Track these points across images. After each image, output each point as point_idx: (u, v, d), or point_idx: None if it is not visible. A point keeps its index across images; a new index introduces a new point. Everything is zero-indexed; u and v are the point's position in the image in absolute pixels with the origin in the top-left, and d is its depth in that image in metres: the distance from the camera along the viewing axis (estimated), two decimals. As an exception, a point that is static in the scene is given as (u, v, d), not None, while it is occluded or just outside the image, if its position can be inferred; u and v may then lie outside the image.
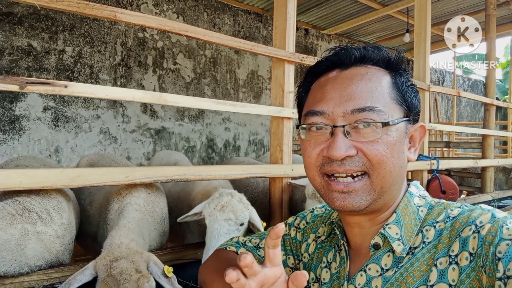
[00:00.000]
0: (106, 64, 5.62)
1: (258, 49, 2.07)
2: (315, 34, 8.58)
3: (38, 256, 1.38)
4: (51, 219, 1.43)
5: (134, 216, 1.50)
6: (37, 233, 1.37)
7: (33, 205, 1.40)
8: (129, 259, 1.19)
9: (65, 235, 1.50)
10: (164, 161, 2.62)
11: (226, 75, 7.05)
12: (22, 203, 1.37)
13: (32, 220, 1.37)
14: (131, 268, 1.16)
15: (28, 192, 1.42)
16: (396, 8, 6.85)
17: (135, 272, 1.16)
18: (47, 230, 1.41)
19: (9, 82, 1.24)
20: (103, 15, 1.49)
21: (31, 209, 1.39)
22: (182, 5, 6.44)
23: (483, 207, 0.74)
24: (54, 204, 1.48)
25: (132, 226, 1.44)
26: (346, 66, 0.81)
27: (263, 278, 0.60)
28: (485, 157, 4.32)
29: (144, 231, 1.51)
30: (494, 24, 4.45)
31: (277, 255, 0.61)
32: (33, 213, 1.38)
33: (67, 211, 1.54)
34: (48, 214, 1.43)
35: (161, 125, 6.22)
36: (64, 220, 1.50)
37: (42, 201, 1.44)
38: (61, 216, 1.49)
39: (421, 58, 3.36)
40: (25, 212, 1.36)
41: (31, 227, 1.36)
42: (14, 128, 4.86)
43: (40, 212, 1.40)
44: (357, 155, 0.74)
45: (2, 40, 4.73)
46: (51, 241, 1.42)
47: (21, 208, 1.35)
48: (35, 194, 1.44)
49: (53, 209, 1.46)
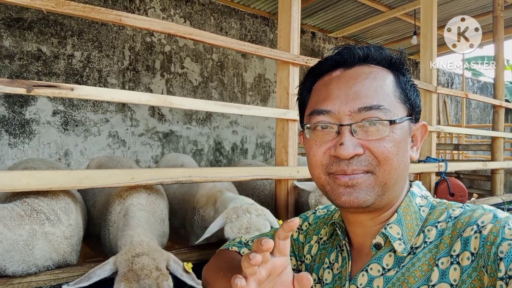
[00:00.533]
0: (115, 68, 5.68)
1: (263, 51, 2.08)
2: (322, 37, 8.58)
3: (46, 256, 1.40)
4: (59, 220, 1.45)
5: (141, 215, 1.52)
6: (45, 233, 1.39)
7: (41, 206, 1.41)
8: (150, 256, 1.21)
9: (73, 236, 1.52)
10: (171, 163, 2.64)
11: (233, 78, 7.07)
12: (30, 204, 1.39)
13: (40, 221, 1.38)
14: (152, 265, 1.18)
15: (36, 194, 1.44)
16: (403, 10, 6.83)
17: (155, 270, 1.17)
18: (54, 231, 1.42)
19: (16, 85, 1.26)
20: (109, 19, 1.51)
21: (39, 210, 1.40)
22: (189, 10, 6.49)
23: (485, 207, 0.73)
24: (62, 205, 1.50)
25: (143, 225, 1.46)
26: (350, 65, 0.81)
27: (272, 267, 0.62)
28: (495, 159, 4.28)
29: (151, 231, 1.53)
30: (502, 26, 4.42)
31: (287, 246, 0.63)
32: (41, 214, 1.39)
33: (75, 213, 1.56)
34: (56, 215, 1.44)
35: (169, 128, 6.25)
36: (72, 221, 1.52)
37: (50, 202, 1.46)
38: (68, 217, 1.50)
39: (428, 60, 3.35)
40: (33, 213, 1.38)
41: (39, 228, 1.38)
42: (24, 132, 4.93)
43: (48, 213, 1.42)
44: (364, 154, 0.75)
45: (12, 45, 4.81)
46: (58, 241, 1.44)
47: (30, 209, 1.37)
48: (43, 195, 1.46)
49: (60, 210, 1.48)
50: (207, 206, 1.95)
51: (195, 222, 1.98)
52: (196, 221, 1.97)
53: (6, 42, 4.77)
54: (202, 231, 1.94)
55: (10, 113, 4.83)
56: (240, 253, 1.08)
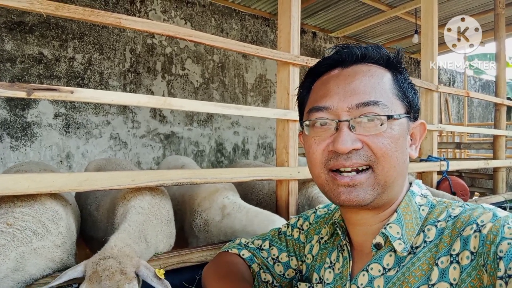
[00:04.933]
0: (116, 70, 5.69)
1: (262, 52, 2.08)
2: (322, 37, 8.57)
3: (41, 268, 1.37)
4: (47, 231, 1.40)
5: (136, 219, 1.50)
6: (34, 250, 1.33)
7: (26, 222, 1.36)
8: (117, 260, 1.20)
9: (65, 242, 1.49)
10: (172, 165, 2.63)
11: (234, 79, 7.08)
12: (13, 224, 1.32)
13: (26, 240, 1.33)
14: (116, 268, 1.17)
15: (21, 206, 1.38)
16: (404, 9, 6.82)
17: (119, 273, 1.16)
18: (44, 243, 1.37)
19: (16, 89, 1.26)
20: (108, 22, 1.51)
21: (24, 227, 1.34)
22: (190, 11, 6.50)
23: (484, 206, 0.73)
24: (50, 215, 1.45)
25: (132, 230, 1.44)
26: (348, 64, 0.82)
27: None
28: (497, 158, 4.26)
29: (148, 234, 1.52)
30: (503, 24, 4.40)
31: None
32: (26, 231, 1.34)
33: (64, 218, 1.52)
34: (43, 227, 1.39)
35: (171, 130, 6.26)
36: (62, 229, 1.47)
37: (36, 214, 1.39)
38: (57, 225, 1.46)
39: (429, 58, 3.34)
40: (16, 235, 1.31)
41: (26, 248, 1.31)
42: (26, 134, 4.94)
43: (35, 227, 1.36)
44: (362, 149, 0.75)
45: (13, 49, 4.83)
46: (51, 251, 1.41)
47: (11, 233, 1.30)
48: (29, 207, 1.39)
49: (48, 220, 1.42)
50: (211, 210, 1.94)
51: (196, 225, 1.97)
52: (198, 225, 1.97)
53: (8, 46, 4.79)
54: (203, 234, 1.94)
55: (12, 116, 4.84)
56: (240, 255, 1.08)
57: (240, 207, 1.86)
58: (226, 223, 1.84)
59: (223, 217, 1.86)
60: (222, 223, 1.85)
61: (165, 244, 1.68)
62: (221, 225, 1.86)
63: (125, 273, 1.17)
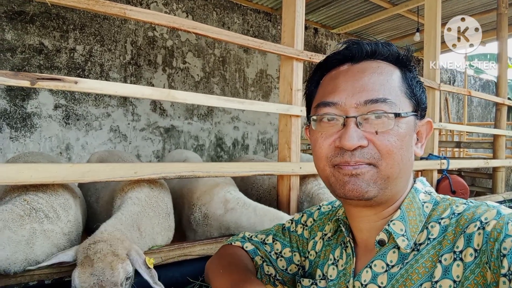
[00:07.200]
0: (116, 62, 5.67)
1: (267, 46, 2.07)
2: (324, 33, 8.55)
3: (46, 252, 1.40)
4: (58, 217, 1.45)
5: (131, 209, 1.51)
6: (44, 231, 1.39)
7: (40, 204, 1.42)
8: (107, 243, 1.21)
9: (71, 232, 1.52)
10: (176, 159, 2.64)
11: (235, 74, 7.06)
12: (30, 202, 1.39)
13: (39, 219, 1.39)
14: (108, 250, 1.17)
15: (35, 190, 1.44)
16: (406, 7, 6.80)
17: (111, 254, 1.17)
18: (53, 228, 1.42)
19: (20, 78, 1.26)
20: (113, 12, 1.50)
21: (38, 208, 1.41)
22: (191, 4, 6.47)
23: (488, 204, 0.73)
24: (61, 201, 1.50)
25: (124, 218, 1.46)
26: (357, 60, 0.82)
27: None
28: (497, 158, 4.27)
29: (143, 224, 1.52)
30: (506, 23, 4.39)
31: None
32: (40, 212, 1.40)
33: (74, 208, 1.55)
34: (54, 212, 1.44)
35: (171, 123, 6.25)
36: (71, 217, 1.52)
37: (49, 198, 1.46)
38: (67, 213, 1.50)
39: (431, 57, 3.34)
40: (32, 212, 1.38)
41: (39, 226, 1.38)
42: (25, 125, 4.93)
43: (47, 211, 1.42)
44: (368, 147, 0.75)
45: (14, 39, 4.80)
46: (58, 238, 1.44)
47: (29, 209, 1.38)
48: (42, 191, 1.45)
49: (59, 206, 1.48)
50: (211, 203, 1.94)
51: (195, 219, 1.97)
52: (196, 219, 1.97)
53: (8, 35, 4.76)
54: (201, 228, 1.94)
55: (12, 106, 4.83)
56: (243, 248, 1.08)
57: (246, 203, 1.87)
58: (230, 217, 1.84)
59: (226, 211, 1.86)
60: (225, 217, 1.85)
61: (163, 236, 1.68)
62: (223, 219, 1.86)
63: (117, 254, 1.17)
